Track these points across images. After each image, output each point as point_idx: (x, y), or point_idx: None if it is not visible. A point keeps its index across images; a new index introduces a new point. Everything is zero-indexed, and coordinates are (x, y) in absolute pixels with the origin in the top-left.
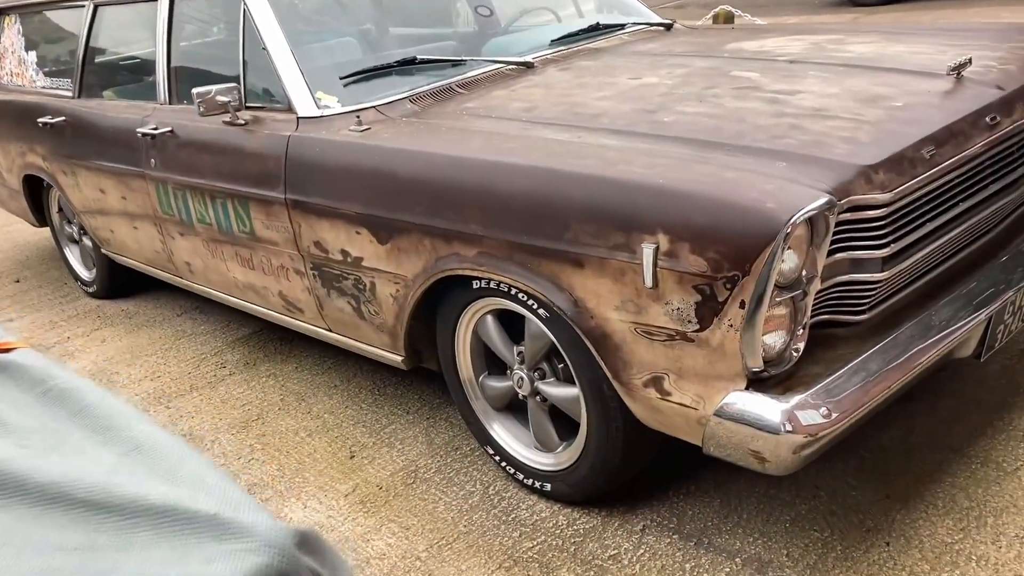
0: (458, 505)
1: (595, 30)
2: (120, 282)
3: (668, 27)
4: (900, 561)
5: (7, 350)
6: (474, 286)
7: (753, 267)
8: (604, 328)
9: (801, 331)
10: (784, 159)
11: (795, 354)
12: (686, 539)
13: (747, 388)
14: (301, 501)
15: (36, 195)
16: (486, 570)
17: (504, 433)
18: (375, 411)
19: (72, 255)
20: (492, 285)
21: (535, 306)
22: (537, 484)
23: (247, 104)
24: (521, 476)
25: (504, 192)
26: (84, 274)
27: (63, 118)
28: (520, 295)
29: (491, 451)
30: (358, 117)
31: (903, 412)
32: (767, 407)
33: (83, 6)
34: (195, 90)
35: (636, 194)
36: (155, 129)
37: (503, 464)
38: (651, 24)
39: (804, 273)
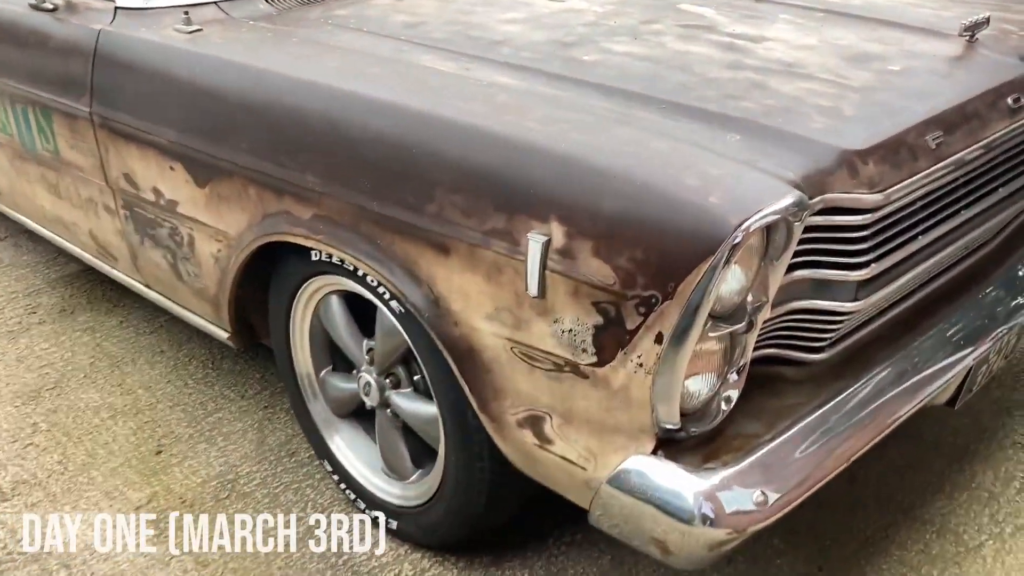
0: (279, 536)
1: None
2: None
3: None
4: None
5: None
6: (313, 257)
7: (680, 289)
8: (471, 340)
9: (735, 376)
10: (738, 129)
11: (725, 406)
12: None
13: (655, 451)
14: (78, 510)
15: None
16: None
17: (347, 448)
18: (202, 391)
19: None
20: (335, 260)
21: (387, 295)
22: (382, 518)
23: None
24: (363, 505)
25: (354, 136)
26: None
27: None
28: (369, 278)
29: (329, 468)
30: (186, 13)
31: None
32: (679, 483)
33: None
34: None
35: (526, 160)
36: None
37: (342, 486)
38: None
39: (750, 299)
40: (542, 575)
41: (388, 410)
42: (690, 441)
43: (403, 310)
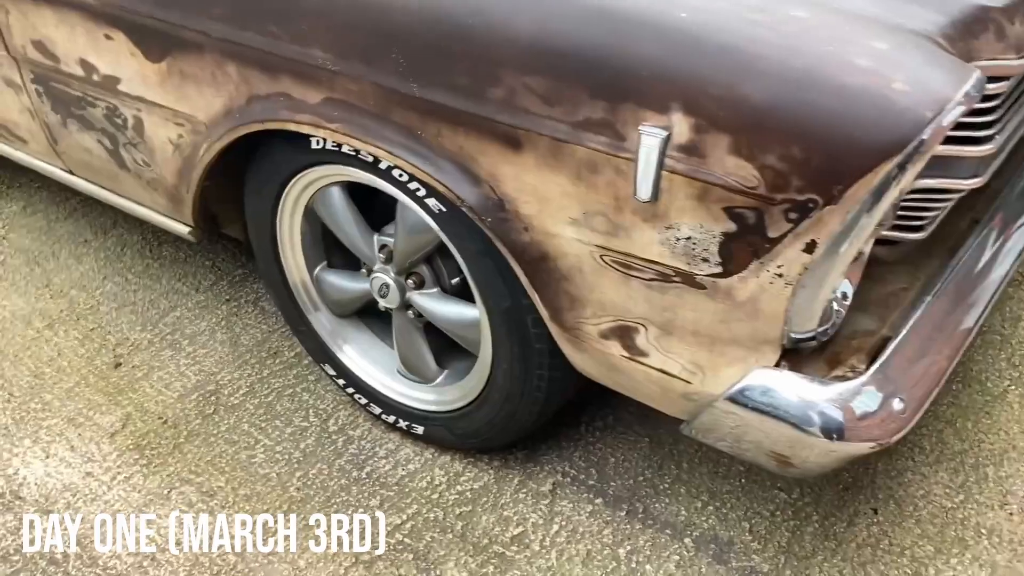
0: (285, 453)
1: None
2: None
3: None
4: (895, 538)
5: None
6: (313, 146)
7: (848, 193)
8: (545, 247)
9: (850, 267)
10: None
11: (838, 306)
12: (614, 506)
13: (778, 363)
14: (40, 446)
15: None
16: (337, 567)
17: (356, 353)
18: (149, 287)
19: None
20: (346, 150)
21: (421, 192)
22: (403, 424)
23: None
24: (378, 410)
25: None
26: None
27: None
28: (397, 172)
29: (332, 372)
30: None
31: None
32: (813, 397)
33: None
34: None
35: (634, 34)
36: None
37: (350, 390)
38: None
39: None
40: (583, 466)
41: (410, 312)
42: (807, 347)
43: (443, 209)
